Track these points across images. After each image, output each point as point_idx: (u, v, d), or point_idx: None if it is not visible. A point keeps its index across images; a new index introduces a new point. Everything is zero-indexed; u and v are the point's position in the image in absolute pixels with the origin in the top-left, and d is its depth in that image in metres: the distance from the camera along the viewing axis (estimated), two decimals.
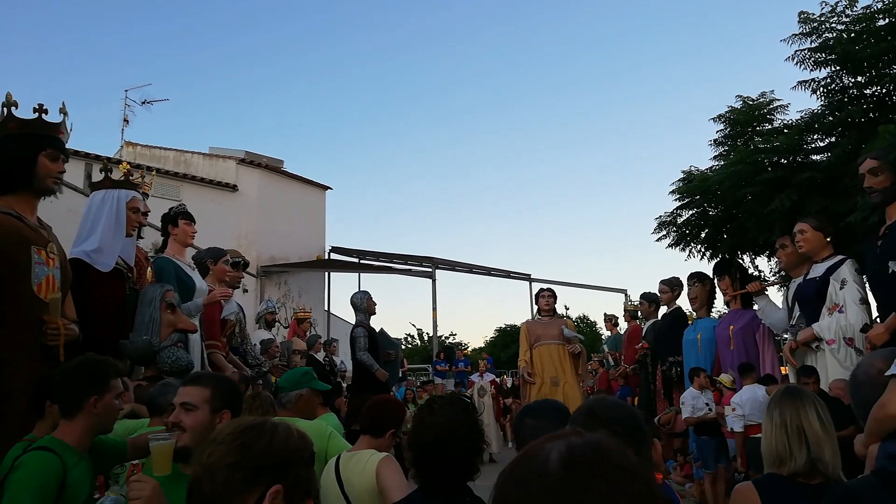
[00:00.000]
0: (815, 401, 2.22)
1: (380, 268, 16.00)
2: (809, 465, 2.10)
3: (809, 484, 2.10)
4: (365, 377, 7.30)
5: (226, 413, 2.22)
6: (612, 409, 1.79)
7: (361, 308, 7.58)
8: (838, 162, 4.76)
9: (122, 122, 16.79)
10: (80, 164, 7.93)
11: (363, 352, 7.27)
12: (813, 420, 2.14)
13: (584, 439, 0.84)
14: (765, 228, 5.25)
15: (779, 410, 2.21)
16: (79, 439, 2.33)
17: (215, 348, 4.98)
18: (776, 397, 2.31)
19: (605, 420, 1.69)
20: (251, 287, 13.36)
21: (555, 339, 6.90)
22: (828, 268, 4.47)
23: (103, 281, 3.83)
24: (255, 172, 15.21)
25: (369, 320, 7.63)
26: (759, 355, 5.47)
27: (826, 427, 2.15)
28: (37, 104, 3.28)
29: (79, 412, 2.33)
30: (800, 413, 2.16)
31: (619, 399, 1.96)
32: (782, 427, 2.16)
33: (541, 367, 6.85)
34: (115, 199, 4.03)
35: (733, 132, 5.92)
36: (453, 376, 14.14)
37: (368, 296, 7.71)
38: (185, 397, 2.22)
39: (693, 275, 6.29)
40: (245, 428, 1.35)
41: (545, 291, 7.32)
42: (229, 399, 2.28)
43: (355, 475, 2.81)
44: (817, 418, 2.15)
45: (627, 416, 1.76)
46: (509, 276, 17.24)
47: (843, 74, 4.90)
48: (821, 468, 2.10)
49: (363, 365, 7.28)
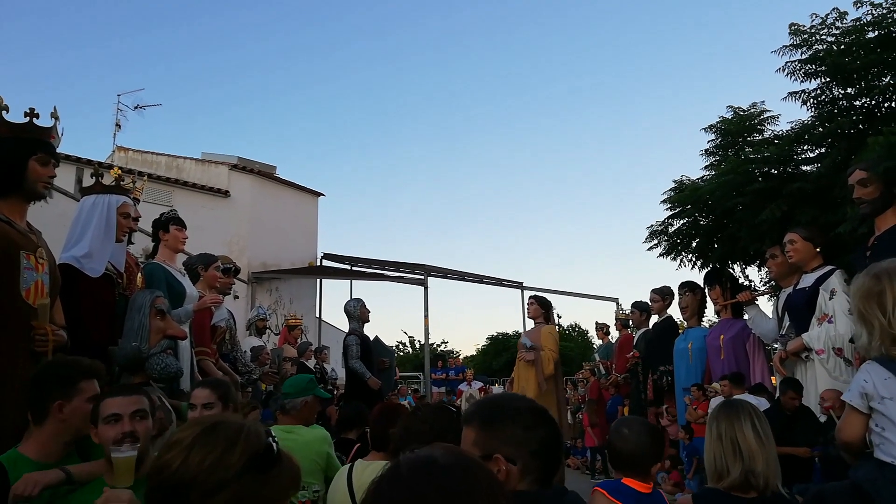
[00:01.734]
0: (752, 414, 2.25)
1: (372, 275, 15.97)
2: (744, 477, 2.13)
3: (745, 497, 2.13)
4: (357, 385, 7.29)
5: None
6: None
7: (355, 316, 7.57)
8: (828, 173, 4.79)
9: (114, 126, 16.76)
10: (71, 169, 7.90)
11: (355, 360, 7.26)
12: (748, 433, 2.18)
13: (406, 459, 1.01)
14: (755, 238, 5.28)
15: (716, 424, 2.27)
16: (42, 448, 2.25)
17: (205, 355, 4.95)
18: (714, 411, 2.37)
19: None
20: (242, 293, 13.30)
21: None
22: (817, 278, 4.50)
23: (93, 286, 3.80)
24: (247, 178, 15.18)
25: (363, 328, 7.61)
26: (749, 365, 5.48)
27: (761, 440, 2.18)
28: (28, 108, 3.27)
29: (46, 418, 2.26)
30: (734, 426, 2.21)
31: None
32: (718, 440, 2.21)
33: (517, 376, 6.94)
34: (105, 205, 4.00)
35: (724, 142, 5.96)
36: (447, 384, 14.14)
37: (362, 303, 7.69)
38: (137, 405, 2.24)
39: (684, 284, 6.31)
40: (203, 430, 1.29)
41: (530, 299, 7.29)
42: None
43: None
44: (752, 431, 2.19)
45: None
46: (501, 284, 17.24)
47: (833, 86, 4.94)
48: (753, 482, 2.13)
49: (355, 373, 7.26)
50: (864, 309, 2.32)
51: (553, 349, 6.80)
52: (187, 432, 1.29)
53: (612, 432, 2.50)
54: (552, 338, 6.88)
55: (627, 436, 2.41)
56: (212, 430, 1.29)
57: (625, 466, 2.41)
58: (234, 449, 1.25)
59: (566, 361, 24.20)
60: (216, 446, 1.25)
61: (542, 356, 6.75)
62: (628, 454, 2.40)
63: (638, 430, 2.44)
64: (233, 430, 1.29)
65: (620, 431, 2.45)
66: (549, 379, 6.74)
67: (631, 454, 2.39)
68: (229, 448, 1.25)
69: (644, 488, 2.37)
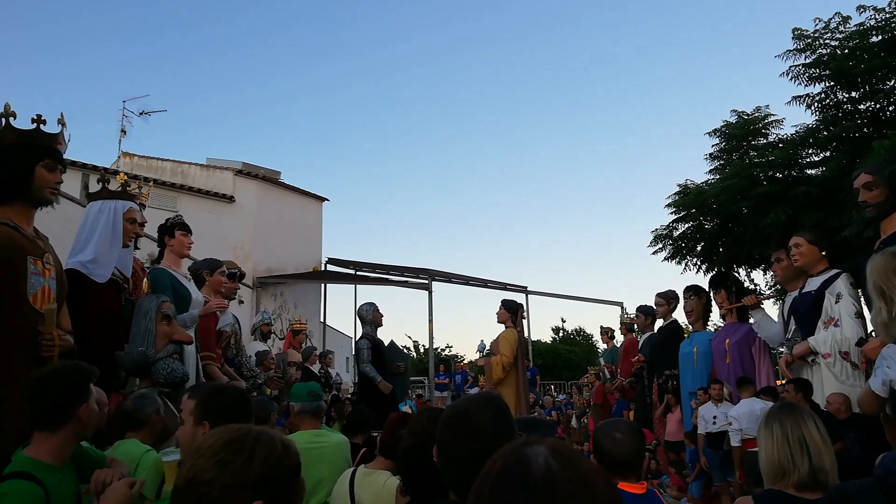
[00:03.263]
0: (812, 413, 2.26)
1: (376, 279, 15.96)
2: (812, 475, 2.11)
3: (809, 498, 2.11)
4: (368, 389, 7.25)
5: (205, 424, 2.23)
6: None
7: (368, 320, 7.54)
8: (833, 176, 4.79)
9: (119, 132, 16.87)
10: (78, 175, 7.91)
11: (366, 363, 7.23)
12: (813, 431, 2.18)
13: (554, 446, 0.91)
14: (760, 242, 5.27)
15: (779, 423, 2.24)
16: (58, 453, 2.27)
17: (211, 360, 4.97)
18: (773, 411, 2.34)
19: None
20: (247, 298, 13.31)
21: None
22: (823, 281, 4.49)
23: (99, 292, 3.82)
24: (252, 184, 15.22)
25: (376, 332, 7.57)
26: (754, 369, 5.47)
27: (824, 438, 2.19)
28: (35, 115, 3.29)
29: (67, 422, 2.28)
30: (800, 424, 2.20)
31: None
32: (784, 439, 2.19)
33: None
34: (111, 210, 4.03)
35: (729, 146, 5.96)
36: (452, 389, 14.10)
37: (375, 308, 7.66)
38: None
39: (689, 288, 6.29)
40: (225, 443, 1.32)
41: (500, 303, 7.14)
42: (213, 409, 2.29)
43: (369, 494, 2.81)
44: (816, 430, 2.19)
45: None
46: (506, 289, 17.21)
47: (838, 90, 4.94)
48: (821, 478, 2.12)
49: (367, 377, 7.24)
50: (883, 284, 2.33)
51: (507, 354, 6.69)
52: (213, 440, 1.34)
53: (603, 437, 2.46)
54: (507, 343, 6.78)
55: (621, 439, 2.39)
56: (238, 439, 1.33)
57: (618, 470, 2.39)
58: (255, 457, 1.30)
59: (571, 366, 24.26)
60: (241, 453, 1.30)
61: (491, 362, 6.72)
62: (624, 457, 2.38)
63: (629, 433, 2.43)
64: (259, 440, 1.34)
65: (612, 436, 2.42)
66: (502, 382, 6.62)
67: (626, 457, 2.38)
68: (251, 456, 1.30)
69: (639, 489, 2.36)
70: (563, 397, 14.88)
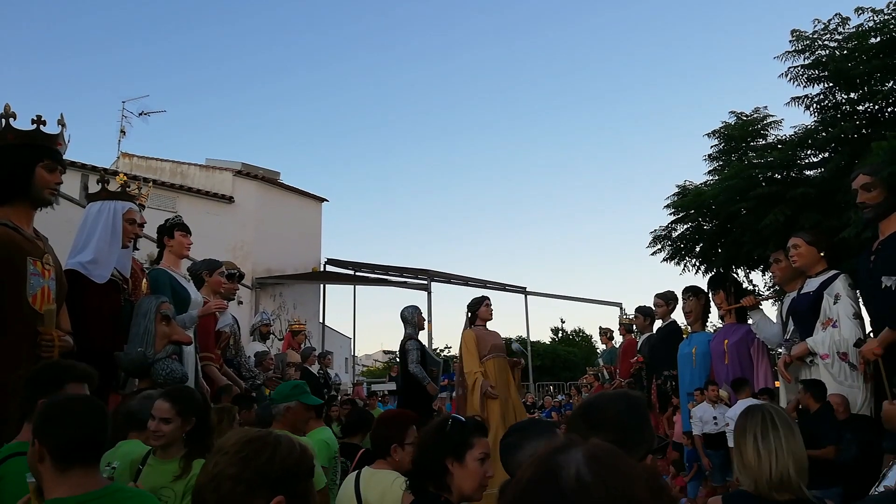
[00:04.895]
0: (785, 416, 2.27)
1: (375, 280, 15.97)
2: (778, 479, 2.13)
3: (778, 501, 2.12)
4: (415, 390, 7.14)
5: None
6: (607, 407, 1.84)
7: (412, 322, 7.45)
8: (831, 177, 4.79)
9: (118, 133, 16.86)
10: (77, 175, 7.90)
11: (416, 364, 7.12)
12: (781, 435, 2.18)
13: (591, 451, 0.84)
14: (759, 243, 5.28)
15: (749, 426, 2.26)
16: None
17: (210, 360, 4.97)
18: (745, 413, 2.36)
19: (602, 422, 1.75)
20: (246, 299, 13.31)
21: (502, 352, 6.73)
22: (821, 282, 4.49)
23: (99, 292, 3.82)
24: (251, 184, 15.22)
25: (418, 334, 7.51)
26: (753, 369, 5.47)
27: (796, 440, 2.20)
28: (35, 115, 3.30)
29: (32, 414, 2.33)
30: (769, 428, 2.21)
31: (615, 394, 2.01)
32: (754, 442, 2.21)
33: (494, 380, 6.47)
34: (111, 211, 4.03)
35: (727, 147, 5.96)
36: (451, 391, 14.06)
37: (418, 310, 7.57)
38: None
39: (688, 289, 6.30)
40: (248, 440, 1.38)
41: (488, 300, 6.98)
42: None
43: (376, 493, 2.82)
44: (789, 431, 2.20)
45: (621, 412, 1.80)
46: (505, 289, 17.23)
47: (836, 91, 4.95)
48: (788, 480, 2.13)
49: (415, 378, 7.11)
50: None
51: (468, 362, 6.50)
52: (236, 438, 1.40)
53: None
54: (465, 349, 6.60)
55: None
56: (259, 438, 1.39)
57: None
58: (276, 455, 1.36)
59: (570, 367, 24.25)
60: (264, 451, 1.35)
61: (466, 377, 6.48)
62: None
63: None
64: (279, 440, 1.40)
65: None
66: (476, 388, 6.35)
67: None
68: (273, 454, 1.36)
69: None
70: (562, 398, 14.90)
